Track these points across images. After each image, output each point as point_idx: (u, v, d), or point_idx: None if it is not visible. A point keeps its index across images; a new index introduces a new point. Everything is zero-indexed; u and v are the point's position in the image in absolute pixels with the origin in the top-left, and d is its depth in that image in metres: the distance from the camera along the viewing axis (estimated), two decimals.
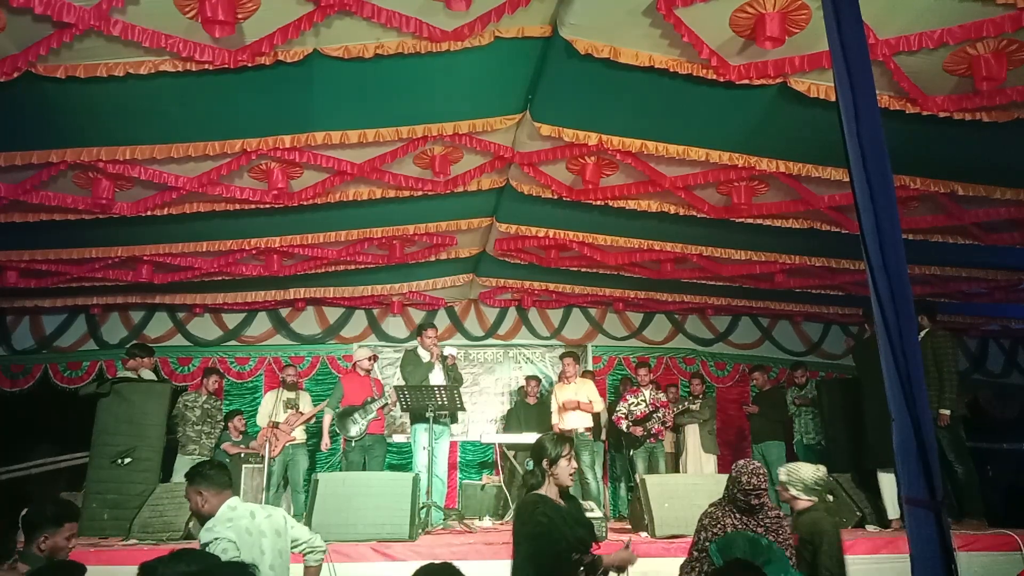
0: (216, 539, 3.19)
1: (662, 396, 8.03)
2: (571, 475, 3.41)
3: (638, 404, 7.89)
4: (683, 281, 8.89)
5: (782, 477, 4.09)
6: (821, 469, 4.09)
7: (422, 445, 6.66)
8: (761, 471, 3.77)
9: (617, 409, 8.06)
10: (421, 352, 7.01)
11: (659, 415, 7.77)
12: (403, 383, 6.79)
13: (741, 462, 3.83)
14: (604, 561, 3.30)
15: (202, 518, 3.40)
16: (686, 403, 8.80)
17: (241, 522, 3.32)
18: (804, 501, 3.99)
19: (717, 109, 5.08)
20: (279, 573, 3.41)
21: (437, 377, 6.86)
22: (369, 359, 7.56)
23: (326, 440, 7.29)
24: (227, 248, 7.41)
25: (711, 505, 3.90)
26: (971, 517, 5.79)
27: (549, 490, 3.38)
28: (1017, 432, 10.28)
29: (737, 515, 3.74)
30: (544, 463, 3.40)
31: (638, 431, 7.76)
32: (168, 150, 5.30)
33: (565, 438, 3.50)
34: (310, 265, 8.17)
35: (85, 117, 4.97)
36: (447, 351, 7.02)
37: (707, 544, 3.70)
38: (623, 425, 7.88)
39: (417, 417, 6.77)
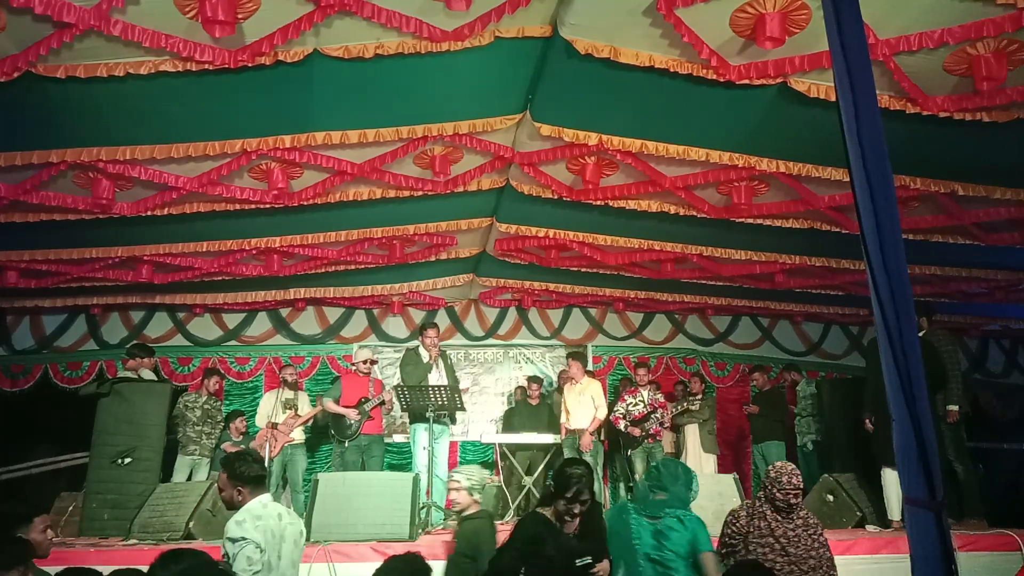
0: (244, 539, 3.17)
1: (660, 397, 8.02)
2: (561, 518, 3.54)
3: (636, 404, 7.87)
4: (683, 281, 8.88)
5: (464, 483, 4.24)
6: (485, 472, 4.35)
7: (422, 445, 6.65)
8: (797, 472, 3.97)
9: (615, 409, 8.04)
10: (422, 352, 7.00)
11: (657, 415, 7.76)
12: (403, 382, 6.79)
13: (779, 464, 4.05)
14: None
15: (231, 507, 3.42)
16: (685, 403, 8.78)
17: (269, 522, 3.32)
18: (475, 505, 4.23)
19: (717, 109, 5.08)
20: None
21: (436, 377, 6.86)
22: (365, 362, 7.56)
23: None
24: (227, 248, 7.41)
25: (741, 506, 4.11)
26: (971, 517, 5.79)
27: (552, 511, 3.59)
28: (1017, 432, 10.27)
29: (771, 514, 3.90)
30: (551, 488, 3.61)
31: (636, 431, 7.75)
32: (168, 150, 5.30)
33: (578, 489, 3.50)
34: (310, 265, 8.16)
35: (85, 117, 4.97)
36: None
37: (730, 541, 3.94)
38: (621, 425, 7.87)
39: (417, 417, 6.77)
